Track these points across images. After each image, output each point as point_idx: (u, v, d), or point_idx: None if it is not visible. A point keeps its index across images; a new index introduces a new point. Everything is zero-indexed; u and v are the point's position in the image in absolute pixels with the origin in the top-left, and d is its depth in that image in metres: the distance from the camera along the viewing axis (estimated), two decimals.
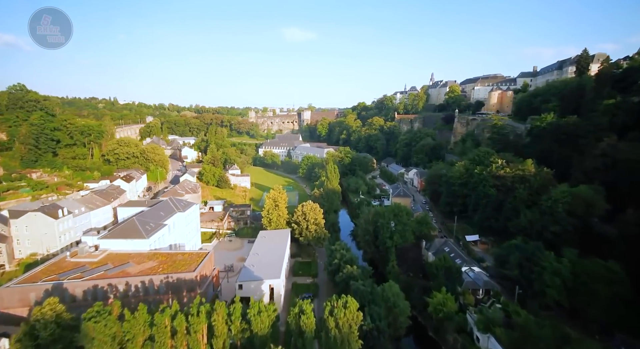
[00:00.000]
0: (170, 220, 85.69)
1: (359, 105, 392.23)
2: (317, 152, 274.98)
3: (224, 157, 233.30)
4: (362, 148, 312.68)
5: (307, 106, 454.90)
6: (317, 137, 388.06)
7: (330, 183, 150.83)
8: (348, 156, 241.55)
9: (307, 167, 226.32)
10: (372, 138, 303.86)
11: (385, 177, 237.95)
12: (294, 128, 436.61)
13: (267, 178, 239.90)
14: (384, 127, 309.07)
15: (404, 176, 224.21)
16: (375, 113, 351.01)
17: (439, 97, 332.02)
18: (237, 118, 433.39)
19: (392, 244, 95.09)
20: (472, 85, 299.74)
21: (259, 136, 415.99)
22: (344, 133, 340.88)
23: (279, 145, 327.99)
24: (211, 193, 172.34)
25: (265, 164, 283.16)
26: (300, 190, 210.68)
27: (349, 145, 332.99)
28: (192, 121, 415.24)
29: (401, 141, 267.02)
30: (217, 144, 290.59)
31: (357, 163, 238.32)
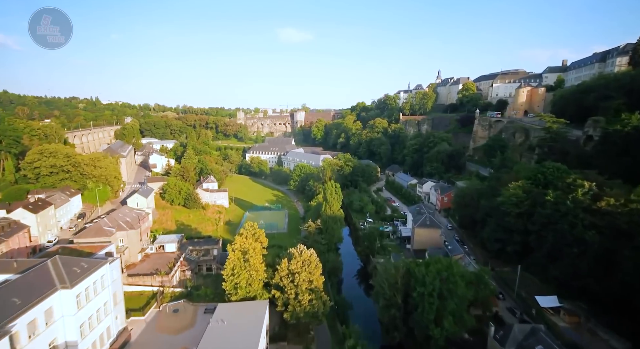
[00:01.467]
0: (34, 313, 44.94)
1: (358, 106, 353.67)
2: (312, 158, 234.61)
3: (200, 166, 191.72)
4: (362, 153, 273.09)
5: (301, 106, 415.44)
6: (312, 140, 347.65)
7: (330, 207, 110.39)
8: (349, 164, 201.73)
9: (300, 179, 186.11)
10: (374, 143, 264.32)
11: (392, 190, 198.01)
12: (286, 131, 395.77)
13: (252, 191, 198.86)
14: (387, 129, 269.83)
15: (416, 189, 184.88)
16: (376, 115, 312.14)
17: (449, 96, 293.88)
18: (224, 120, 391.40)
19: (442, 334, 55.31)
20: (488, 82, 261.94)
21: (247, 139, 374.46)
22: (342, 137, 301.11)
23: (269, 149, 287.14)
24: (174, 216, 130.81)
25: (252, 172, 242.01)
26: (291, 207, 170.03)
27: (347, 149, 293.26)
28: (173, 122, 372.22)
29: (410, 146, 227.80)
30: (195, 149, 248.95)
31: (359, 173, 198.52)
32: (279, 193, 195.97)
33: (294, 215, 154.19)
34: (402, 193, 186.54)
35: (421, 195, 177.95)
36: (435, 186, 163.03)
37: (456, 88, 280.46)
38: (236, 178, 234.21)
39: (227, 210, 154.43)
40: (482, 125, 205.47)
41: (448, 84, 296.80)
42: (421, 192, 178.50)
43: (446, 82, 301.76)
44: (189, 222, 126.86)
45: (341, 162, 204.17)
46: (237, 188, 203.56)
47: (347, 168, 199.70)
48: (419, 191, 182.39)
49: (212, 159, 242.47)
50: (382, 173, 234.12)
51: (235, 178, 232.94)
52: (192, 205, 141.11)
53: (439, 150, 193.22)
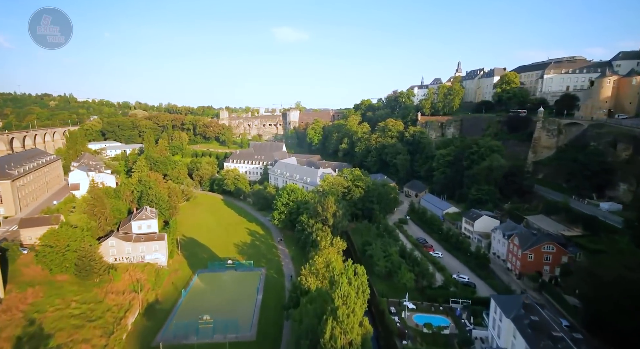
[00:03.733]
0: None
1: (363, 104, 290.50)
2: (307, 173, 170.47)
3: (141, 189, 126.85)
4: (372, 164, 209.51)
5: (295, 104, 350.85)
6: (308, 145, 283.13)
7: (344, 328, 46.11)
8: (359, 185, 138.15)
9: (288, 210, 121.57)
10: (387, 151, 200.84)
11: (421, 222, 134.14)
12: (277, 133, 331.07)
13: (219, 225, 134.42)
14: (404, 134, 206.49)
15: (461, 224, 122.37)
16: (386, 115, 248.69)
17: (478, 92, 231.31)
18: (203, 120, 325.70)
19: None
20: (532, 74, 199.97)
21: (230, 143, 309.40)
22: (345, 142, 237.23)
23: (253, 158, 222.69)
24: (38, 306, 66.60)
25: (227, 191, 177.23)
26: (272, 260, 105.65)
27: (352, 158, 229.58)
28: (142, 123, 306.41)
29: (440, 158, 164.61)
30: (150, 160, 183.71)
31: (373, 198, 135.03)
32: (257, 229, 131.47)
33: (273, 283, 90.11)
34: (437, 228, 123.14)
35: (472, 236, 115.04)
36: (503, 230, 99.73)
37: (489, 82, 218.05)
38: (203, 200, 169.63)
39: (163, 271, 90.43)
40: (548, 129, 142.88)
41: (477, 77, 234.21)
42: (471, 232, 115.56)
43: (473, 74, 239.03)
44: (57, 322, 62.49)
45: (348, 182, 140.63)
46: (198, 219, 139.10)
47: (356, 191, 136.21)
48: (465, 228, 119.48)
49: (174, 172, 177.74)
50: (400, 191, 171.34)
51: (201, 200, 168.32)
52: (87, 274, 76.77)
53: (491, 165, 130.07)
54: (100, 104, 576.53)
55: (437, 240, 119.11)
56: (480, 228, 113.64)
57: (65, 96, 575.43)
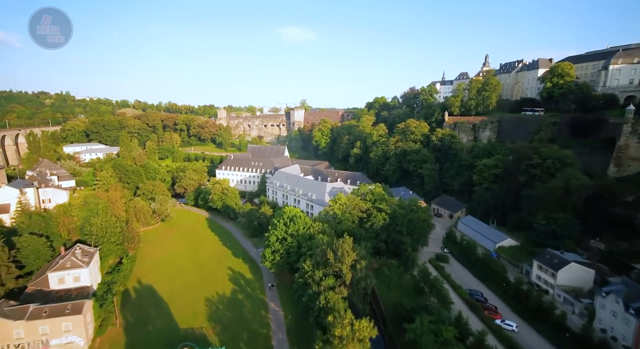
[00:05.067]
0: None
1: (377, 102, 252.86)
2: (313, 187, 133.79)
3: (85, 215, 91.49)
4: (390, 173, 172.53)
5: (300, 103, 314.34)
6: (314, 149, 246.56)
7: None
8: (382, 207, 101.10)
9: (286, 250, 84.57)
10: (410, 158, 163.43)
11: (469, 261, 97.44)
12: (280, 135, 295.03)
13: (194, 260, 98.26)
14: (430, 137, 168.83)
15: (534, 274, 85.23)
16: (405, 115, 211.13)
17: (517, 87, 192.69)
18: (198, 119, 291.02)
19: None
20: (586, 65, 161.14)
21: (228, 145, 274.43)
22: (358, 146, 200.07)
23: (249, 164, 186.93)
24: None
25: (213, 208, 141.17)
26: (256, 335, 68.90)
27: (365, 165, 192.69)
28: (130, 123, 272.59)
29: (483, 170, 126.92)
30: (120, 169, 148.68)
31: (402, 226, 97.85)
32: (244, 268, 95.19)
33: None
34: (496, 275, 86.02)
35: (552, 292, 77.84)
36: (623, 296, 62.14)
37: (532, 75, 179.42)
38: (183, 220, 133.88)
39: None
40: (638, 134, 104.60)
41: (514, 70, 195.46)
42: (551, 285, 78.34)
43: (510, 66, 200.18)
44: None
45: (367, 204, 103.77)
46: (167, 252, 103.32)
47: (378, 216, 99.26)
48: (540, 277, 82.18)
49: (147, 185, 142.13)
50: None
51: (180, 220, 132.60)
52: None
53: (568, 185, 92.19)
54: (98, 103, 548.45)
55: (496, 291, 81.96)
56: (566, 280, 76.31)
57: (62, 94, 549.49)
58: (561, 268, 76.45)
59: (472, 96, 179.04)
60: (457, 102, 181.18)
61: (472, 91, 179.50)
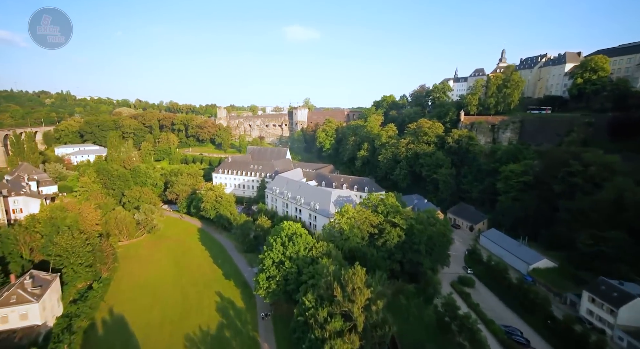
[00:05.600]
0: None
1: (385, 100, 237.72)
2: (316, 195, 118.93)
3: (49, 231, 78.16)
4: (400, 178, 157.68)
5: (303, 102, 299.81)
6: (318, 151, 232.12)
7: None
8: (396, 222, 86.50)
9: (283, 277, 70.18)
10: (423, 162, 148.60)
11: (499, 286, 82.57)
12: (282, 135, 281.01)
13: (177, 283, 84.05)
14: (445, 139, 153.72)
15: (584, 307, 70.00)
16: (416, 114, 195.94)
17: (540, 84, 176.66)
18: (197, 119, 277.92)
19: None
20: (620, 59, 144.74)
21: (227, 146, 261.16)
22: (365, 148, 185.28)
23: (248, 168, 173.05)
24: None
25: (205, 218, 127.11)
26: None
27: (373, 168, 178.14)
28: (126, 122, 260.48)
29: (510, 177, 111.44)
30: (105, 173, 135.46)
31: (420, 244, 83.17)
32: (234, 293, 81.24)
33: None
34: (536, 307, 71.13)
35: (610, 333, 62.89)
36: None
37: (558, 71, 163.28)
38: (172, 231, 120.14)
39: None
40: None
41: (537, 65, 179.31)
42: (610, 324, 63.24)
43: (531, 61, 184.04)
44: None
45: (379, 217, 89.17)
46: (149, 272, 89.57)
47: (392, 232, 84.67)
48: (592, 312, 67.10)
49: (133, 192, 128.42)
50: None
51: (169, 231, 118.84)
52: None
53: (621, 198, 76.90)
54: (99, 102, 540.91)
55: (538, 329, 66.98)
56: (630, 319, 61.27)
57: (62, 93, 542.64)
58: (624, 305, 61.39)
59: (491, 94, 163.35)
60: (474, 100, 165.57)
61: (491, 88, 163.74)
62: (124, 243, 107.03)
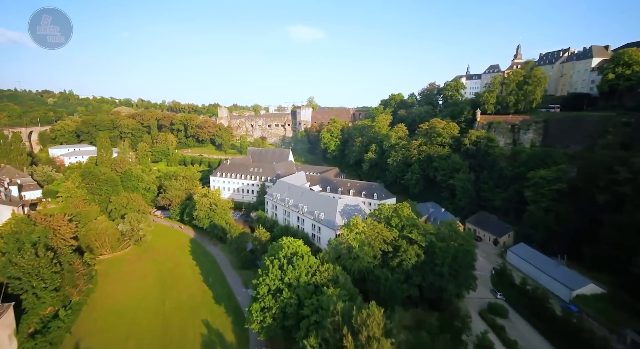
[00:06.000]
0: None
1: (393, 99, 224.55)
2: (321, 203, 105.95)
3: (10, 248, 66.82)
4: (412, 183, 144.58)
5: (307, 101, 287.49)
6: (322, 153, 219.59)
7: None
8: (414, 237, 74.00)
9: (280, 309, 57.67)
10: (437, 165, 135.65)
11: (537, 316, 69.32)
12: (285, 136, 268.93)
13: (159, 309, 71.79)
14: (461, 140, 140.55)
15: None
16: (427, 114, 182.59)
17: (563, 81, 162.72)
18: (196, 119, 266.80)
19: None
20: None
21: (228, 147, 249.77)
22: (372, 150, 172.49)
23: (248, 171, 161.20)
24: None
25: (199, 227, 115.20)
26: None
27: (381, 172, 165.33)
28: (124, 122, 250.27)
29: (539, 185, 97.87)
30: (91, 178, 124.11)
31: (443, 265, 70.62)
32: (224, 322, 68.89)
33: None
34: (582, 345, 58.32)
35: None
36: None
37: (584, 66, 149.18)
38: (161, 241, 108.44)
39: None
40: None
41: (558, 61, 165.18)
42: None
43: (553, 57, 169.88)
44: None
45: (393, 231, 76.52)
46: (128, 293, 77.58)
47: (410, 250, 72.04)
48: None
49: (120, 199, 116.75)
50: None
51: (157, 242, 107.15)
52: None
53: None
54: (101, 101, 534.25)
55: None
56: None
57: (65, 93, 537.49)
58: None
59: (510, 91, 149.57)
60: (492, 98, 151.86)
61: (510, 85, 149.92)
62: (107, 256, 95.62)
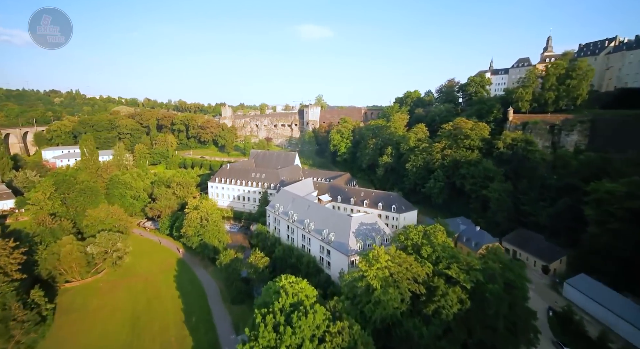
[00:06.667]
0: None
1: (409, 97, 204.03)
2: (330, 222, 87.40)
3: None
4: (435, 192, 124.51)
5: (315, 99, 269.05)
6: (332, 155, 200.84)
7: None
8: (455, 276, 55.28)
9: None
10: (465, 172, 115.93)
11: None
12: (293, 136, 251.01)
13: None
14: (494, 143, 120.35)
15: None
16: (449, 113, 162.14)
17: (609, 74, 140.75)
18: (198, 118, 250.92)
19: None
20: None
21: (231, 148, 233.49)
22: (388, 154, 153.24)
23: (249, 176, 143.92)
24: None
25: (190, 248, 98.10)
26: None
27: (398, 178, 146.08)
28: (122, 122, 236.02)
29: (604, 201, 77.59)
30: (65, 186, 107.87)
31: (497, 318, 51.63)
32: None
33: None
34: None
35: None
36: None
37: (637, 57, 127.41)
38: (142, 262, 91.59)
39: None
40: None
41: (603, 52, 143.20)
42: None
43: (596, 47, 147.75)
44: None
45: (425, 265, 57.91)
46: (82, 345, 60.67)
47: (450, 295, 53.41)
48: None
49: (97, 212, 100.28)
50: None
51: (138, 263, 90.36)
52: None
53: None
54: (107, 101, 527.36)
55: None
56: None
57: (72, 92, 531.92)
58: None
59: (550, 86, 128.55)
60: (527, 95, 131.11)
61: (549, 79, 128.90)
62: (75, 284, 79.26)
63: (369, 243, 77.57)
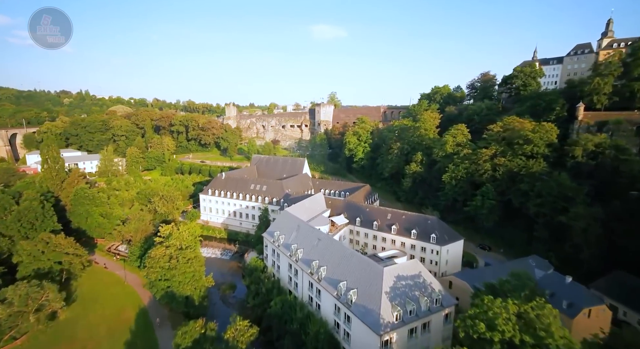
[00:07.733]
0: None
1: (438, 93, 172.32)
2: (350, 271, 58.93)
3: None
4: (484, 213, 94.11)
5: (328, 97, 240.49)
6: (347, 161, 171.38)
7: None
8: None
9: None
10: (527, 189, 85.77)
11: None
12: (302, 138, 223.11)
13: None
14: (568, 151, 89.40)
15: None
16: (490, 111, 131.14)
17: None
18: (200, 119, 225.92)
19: None
20: None
21: (234, 152, 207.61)
22: (417, 161, 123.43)
23: (248, 188, 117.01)
24: None
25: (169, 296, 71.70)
26: None
27: (429, 190, 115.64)
28: (116, 123, 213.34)
29: None
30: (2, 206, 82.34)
31: None
32: None
33: None
34: None
35: None
36: None
37: None
38: (98, 311, 65.76)
39: None
40: None
41: None
42: None
43: None
44: None
45: None
46: None
47: None
48: None
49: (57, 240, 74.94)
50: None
51: (86, 316, 64.66)
52: None
53: None
54: (116, 101, 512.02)
55: None
56: None
57: (82, 93, 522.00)
58: None
59: (637, 75, 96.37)
60: (606, 87, 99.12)
61: (637, 68, 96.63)
62: None
63: (410, 309, 49.12)
